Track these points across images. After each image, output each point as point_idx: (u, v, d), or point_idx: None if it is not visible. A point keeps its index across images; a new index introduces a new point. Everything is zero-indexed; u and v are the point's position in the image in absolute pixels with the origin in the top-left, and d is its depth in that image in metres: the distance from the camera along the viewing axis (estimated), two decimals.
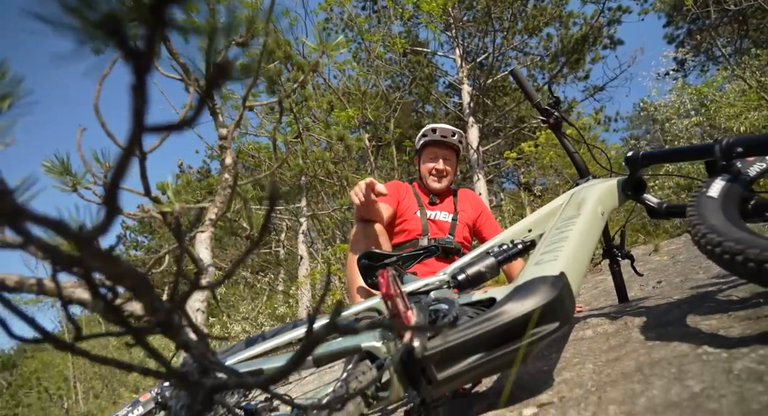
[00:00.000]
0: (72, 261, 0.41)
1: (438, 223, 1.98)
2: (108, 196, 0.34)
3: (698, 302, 1.39)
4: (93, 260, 0.41)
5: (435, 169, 2.05)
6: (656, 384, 0.80)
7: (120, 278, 0.47)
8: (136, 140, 0.33)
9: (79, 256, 0.41)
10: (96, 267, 0.44)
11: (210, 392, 0.62)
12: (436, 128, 2.05)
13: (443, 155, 2.06)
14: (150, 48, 0.31)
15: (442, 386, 0.92)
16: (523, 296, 0.94)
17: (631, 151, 1.41)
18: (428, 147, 2.08)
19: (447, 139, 2.02)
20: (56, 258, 0.40)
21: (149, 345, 0.54)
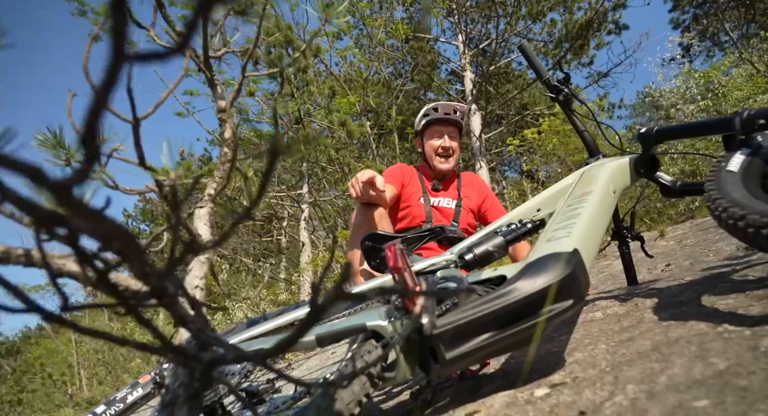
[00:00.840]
0: (54, 219, 0.37)
1: (442, 210, 1.94)
2: (86, 133, 0.30)
3: (712, 283, 1.35)
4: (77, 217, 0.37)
5: (442, 147, 1.97)
6: (677, 363, 0.77)
7: (108, 239, 0.42)
8: (116, 68, 0.29)
9: (62, 214, 0.37)
10: (80, 227, 0.40)
11: (208, 366, 0.59)
12: (437, 106, 1.98)
13: (448, 132, 1.99)
14: None
15: (452, 365, 0.89)
16: (536, 273, 0.90)
17: (644, 127, 1.36)
18: (431, 126, 2.01)
19: (450, 116, 1.96)
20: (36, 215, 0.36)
21: (143, 316, 0.50)
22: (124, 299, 0.47)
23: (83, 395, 11.71)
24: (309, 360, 3.22)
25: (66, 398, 11.43)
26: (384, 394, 1.43)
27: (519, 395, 0.90)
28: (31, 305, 0.45)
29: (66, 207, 0.34)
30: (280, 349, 0.50)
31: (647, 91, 10.14)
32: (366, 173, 1.57)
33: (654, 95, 9.32)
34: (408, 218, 1.91)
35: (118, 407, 1.21)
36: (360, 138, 8.42)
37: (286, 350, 0.50)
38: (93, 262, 0.45)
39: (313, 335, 0.98)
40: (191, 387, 0.70)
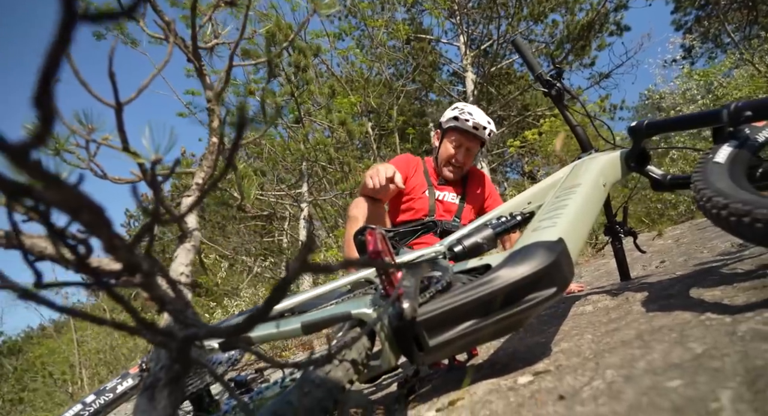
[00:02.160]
0: (20, 189, 0.38)
1: (445, 204, 1.93)
2: (38, 94, 0.30)
3: (702, 277, 1.35)
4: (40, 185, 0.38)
5: (456, 159, 1.92)
6: (656, 349, 0.77)
7: (75, 210, 0.43)
8: (69, 29, 0.29)
9: (27, 184, 0.37)
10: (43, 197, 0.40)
11: (183, 344, 0.59)
12: (473, 118, 1.86)
13: (468, 146, 1.92)
14: None
15: (435, 353, 0.89)
16: (519, 261, 0.90)
17: (635, 120, 1.37)
18: (456, 132, 1.92)
19: (478, 132, 1.87)
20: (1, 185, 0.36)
21: (117, 293, 0.51)
22: (97, 276, 0.48)
23: (84, 394, 11.72)
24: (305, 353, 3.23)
25: (67, 397, 11.46)
26: (373, 386, 1.44)
27: (502, 382, 0.91)
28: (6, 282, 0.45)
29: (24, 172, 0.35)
30: (249, 323, 0.51)
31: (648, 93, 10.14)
32: (389, 168, 1.57)
33: (654, 98, 9.32)
34: (412, 210, 1.90)
35: (107, 396, 1.22)
36: (361, 138, 8.44)
37: (255, 323, 0.50)
38: (63, 236, 0.45)
39: (298, 323, 0.98)
40: (172, 370, 0.70)
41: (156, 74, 0.78)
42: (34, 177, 0.36)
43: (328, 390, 0.79)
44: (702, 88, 6.96)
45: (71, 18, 0.29)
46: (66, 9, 0.29)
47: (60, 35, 0.30)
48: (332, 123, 5.87)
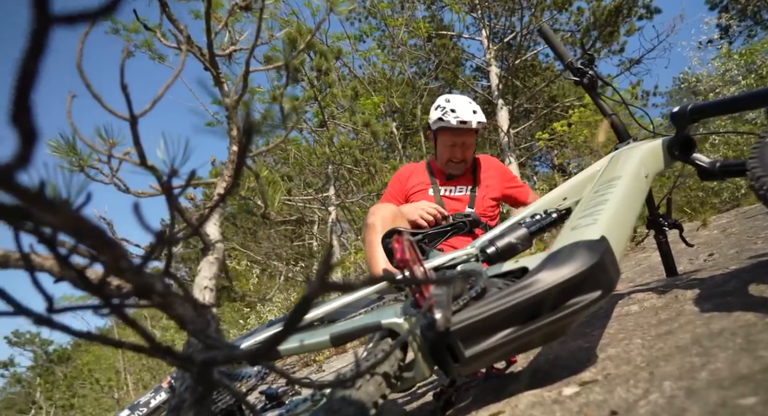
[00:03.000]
0: (15, 213, 0.35)
1: (455, 198, 1.88)
2: (15, 111, 0.27)
3: (760, 271, 1.25)
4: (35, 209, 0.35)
5: (454, 156, 1.91)
6: (720, 357, 0.69)
7: (76, 233, 0.40)
8: (42, 33, 0.26)
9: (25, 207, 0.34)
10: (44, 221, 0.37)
11: (202, 367, 0.56)
12: (456, 115, 1.83)
13: (461, 142, 1.88)
14: None
15: (471, 364, 0.84)
16: (559, 264, 0.84)
17: (677, 106, 1.27)
18: (446, 132, 1.90)
19: (467, 126, 1.83)
20: None
21: (127, 316, 0.48)
22: (107, 298, 0.45)
23: (130, 399, 12.12)
24: (341, 359, 3.21)
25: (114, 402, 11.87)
26: (408, 395, 1.39)
27: (546, 394, 0.84)
28: (19, 308, 0.43)
29: (12, 196, 0.32)
30: (269, 347, 0.47)
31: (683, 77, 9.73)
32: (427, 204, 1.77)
33: (690, 81, 8.93)
34: None
35: (141, 411, 1.21)
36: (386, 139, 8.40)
37: (275, 347, 0.47)
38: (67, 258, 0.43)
39: (327, 335, 0.94)
40: (197, 391, 0.67)
41: (170, 84, 0.75)
42: (25, 201, 0.33)
43: (360, 407, 0.75)
44: (743, 68, 6.61)
45: (45, 21, 0.26)
46: (39, 11, 0.25)
47: (34, 42, 0.26)
48: (356, 125, 5.85)
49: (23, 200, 0.33)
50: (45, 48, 0.27)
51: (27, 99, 0.27)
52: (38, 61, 0.27)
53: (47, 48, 0.27)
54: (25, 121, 0.28)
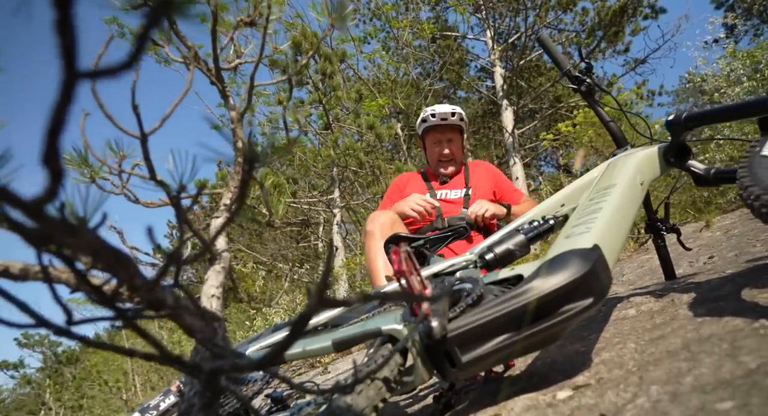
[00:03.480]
0: (40, 237, 0.38)
1: (449, 202, 1.94)
2: (46, 154, 0.31)
3: (755, 275, 1.27)
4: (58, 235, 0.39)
5: (442, 154, 2.01)
6: (705, 362, 0.72)
7: (94, 254, 0.44)
8: (69, 88, 0.30)
9: (47, 232, 0.38)
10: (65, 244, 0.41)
11: (211, 375, 0.59)
12: (435, 112, 1.98)
13: (447, 138, 2.01)
14: None
15: (468, 369, 0.87)
16: (553, 271, 0.87)
17: (672, 114, 1.30)
18: (430, 132, 2.04)
19: (447, 121, 1.97)
20: (23, 234, 0.37)
21: (140, 328, 0.51)
22: (121, 311, 0.49)
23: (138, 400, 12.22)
24: (345, 362, 3.24)
25: (122, 403, 11.97)
26: (408, 398, 1.42)
27: (541, 398, 0.87)
28: (40, 320, 0.46)
29: (40, 225, 0.36)
30: (273, 356, 0.51)
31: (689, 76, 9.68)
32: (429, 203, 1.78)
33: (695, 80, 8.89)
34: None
35: (151, 414, 1.25)
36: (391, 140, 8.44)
37: (278, 356, 0.50)
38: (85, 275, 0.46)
39: (329, 340, 0.98)
40: (205, 396, 0.71)
41: (178, 102, 0.79)
42: (51, 229, 0.37)
43: (362, 409, 0.78)
44: (748, 68, 6.58)
45: (72, 77, 0.29)
46: (67, 68, 0.29)
47: (63, 94, 0.30)
48: (361, 128, 5.89)
49: (50, 229, 0.36)
50: (72, 99, 0.30)
51: (56, 144, 0.31)
52: (66, 111, 0.30)
53: (74, 99, 0.30)
54: (54, 162, 0.32)
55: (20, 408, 14.62)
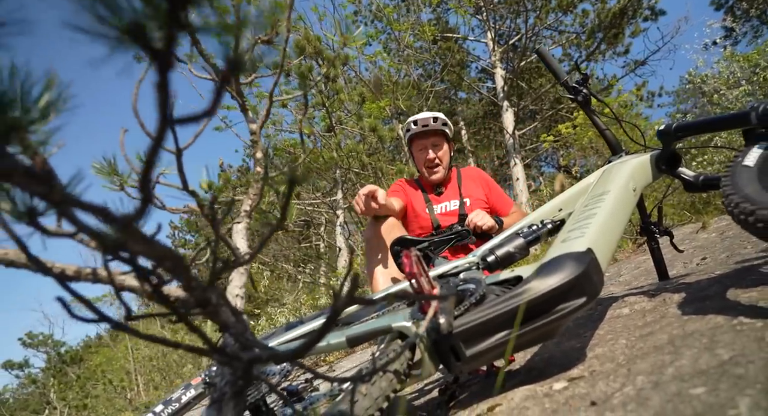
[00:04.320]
0: (117, 245, 0.47)
1: (448, 214, 1.98)
2: (142, 184, 0.39)
3: (741, 276, 1.35)
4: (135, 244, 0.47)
5: (427, 159, 2.05)
6: (686, 355, 0.80)
7: (160, 260, 0.52)
8: (163, 131, 0.38)
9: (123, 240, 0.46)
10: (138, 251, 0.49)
11: (248, 365, 0.67)
12: (416, 120, 2.04)
13: (431, 144, 2.06)
14: (169, 49, 0.35)
15: (471, 362, 0.95)
16: (549, 273, 0.95)
17: (663, 124, 1.38)
18: (415, 140, 2.09)
19: (429, 127, 2.01)
20: (104, 243, 0.46)
21: (192, 323, 0.59)
22: (175, 309, 0.57)
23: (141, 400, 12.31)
24: (350, 360, 3.32)
25: (126, 403, 12.06)
26: (417, 391, 1.50)
27: (538, 389, 0.95)
28: (102, 316, 0.55)
29: (129, 238, 0.44)
30: (305, 348, 0.59)
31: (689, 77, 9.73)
32: (366, 187, 1.65)
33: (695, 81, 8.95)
34: (419, 228, 1.98)
35: (174, 406, 1.33)
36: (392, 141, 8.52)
37: (310, 348, 0.58)
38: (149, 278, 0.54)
39: (343, 337, 1.06)
40: (235, 385, 0.79)
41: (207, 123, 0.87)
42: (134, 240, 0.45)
43: (374, 399, 0.86)
44: (747, 71, 6.65)
45: (166, 122, 0.37)
46: (162, 116, 0.37)
47: (157, 138, 0.38)
48: (363, 130, 5.97)
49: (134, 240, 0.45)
50: (163, 142, 0.38)
51: (149, 175, 0.39)
52: (158, 151, 0.38)
53: (164, 142, 0.38)
54: (146, 190, 0.40)
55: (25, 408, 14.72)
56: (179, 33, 0.36)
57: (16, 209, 0.51)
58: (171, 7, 0.34)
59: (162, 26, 0.35)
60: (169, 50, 0.36)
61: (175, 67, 0.36)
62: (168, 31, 0.35)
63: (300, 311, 6.20)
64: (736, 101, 6.48)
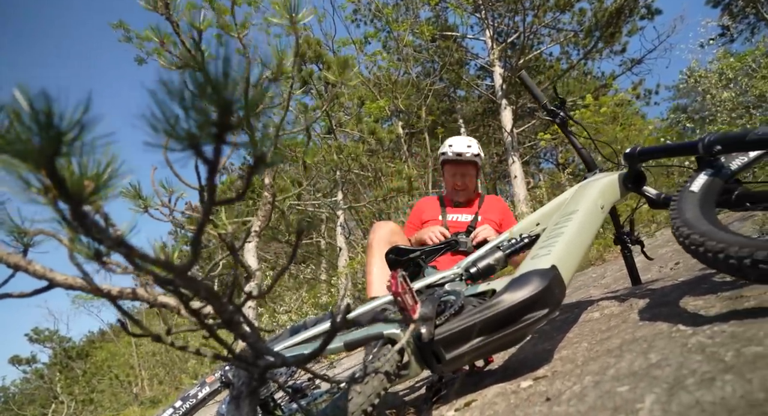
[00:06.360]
0: (168, 282, 0.62)
1: (458, 223, 2.17)
2: (193, 243, 0.55)
3: (697, 284, 1.50)
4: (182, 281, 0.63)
5: (456, 184, 2.28)
6: (626, 358, 0.96)
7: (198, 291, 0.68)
8: (209, 213, 0.53)
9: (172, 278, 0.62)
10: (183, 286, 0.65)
11: (263, 370, 0.84)
12: (453, 143, 2.26)
13: (461, 172, 2.27)
14: (216, 158, 0.51)
15: (451, 364, 1.11)
16: (517, 288, 1.11)
17: (629, 148, 1.53)
18: (447, 164, 2.31)
19: (462, 157, 2.23)
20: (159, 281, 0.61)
21: (220, 337, 0.75)
22: (209, 326, 0.73)
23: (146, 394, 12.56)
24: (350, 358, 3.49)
25: (131, 397, 12.30)
26: (407, 388, 1.67)
27: (508, 386, 1.11)
28: (146, 331, 0.71)
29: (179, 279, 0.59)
30: (312, 357, 0.75)
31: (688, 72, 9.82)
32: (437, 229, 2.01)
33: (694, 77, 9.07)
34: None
35: (191, 402, 1.50)
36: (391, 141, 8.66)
37: (316, 357, 0.74)
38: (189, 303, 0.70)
39: (341, 342, 1.22)
40: (251, 385, 0.96)
41: (225, 160, 1.02)
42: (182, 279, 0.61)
43: (368, 396, 1.03)
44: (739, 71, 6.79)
45: (211, 204, 0.53)
46: (209, 200, 0.53)
47: (205, 214, 0.54)
48: (363, 133, 6.13)
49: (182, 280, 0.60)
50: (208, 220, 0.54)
51: (200, 239, 0.55)
52: (204, 227, 0.54)
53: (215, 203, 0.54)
54: (197, 245, 0.55)
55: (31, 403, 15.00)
56: (223, 146, 0.52)
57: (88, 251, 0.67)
58: (218, 132, 0.50)
59: (212, 143, 0.51)
60: (216, 159, 0.51)
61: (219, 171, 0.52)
62: (216, 147, 0.51)
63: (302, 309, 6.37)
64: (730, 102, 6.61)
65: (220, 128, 0.51)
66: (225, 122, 0.50)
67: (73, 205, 0.51)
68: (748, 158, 1.28)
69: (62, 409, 11.91)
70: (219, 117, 0.50)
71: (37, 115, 0.43)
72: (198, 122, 0.50)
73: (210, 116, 0.51)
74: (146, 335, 0.78)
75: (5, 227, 0.71)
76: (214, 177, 0.52)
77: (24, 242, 0.77)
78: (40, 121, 0.43)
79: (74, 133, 0.46)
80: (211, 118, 0.51)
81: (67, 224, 0.54)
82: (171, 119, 0.49)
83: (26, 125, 0.43)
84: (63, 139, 0.45)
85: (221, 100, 0.48)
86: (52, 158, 0.46)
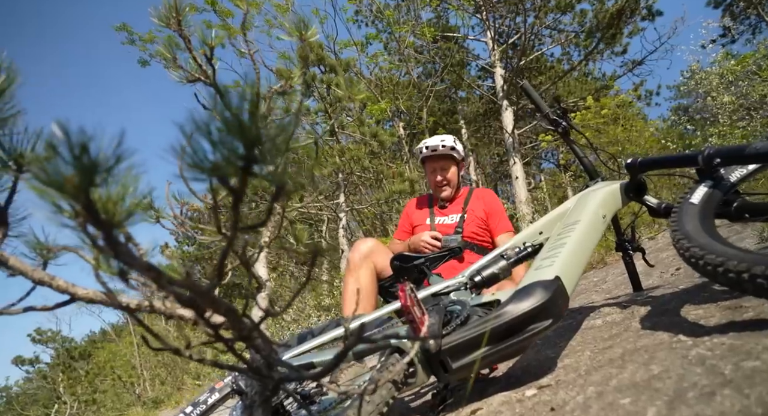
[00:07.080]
0: (191, 302, 0.65)
1: (446, 226, 2.20)
2: (218, 270, 0.58)
3: (697, 292, 1.53)
4: (204, 301, 0.66)
5: (435, 181, 2.32)
6: (628, 369, 0.99)
7: (218, 310, 0.71)
8: (234, 237, 0.56)
9: (195, 299, 0.65)
10: (206, 305, 0.68)
11: (278, 383, 0.87)
12: (427, 144, 2.30)
13: (440, 167, 2.31)
14: (241, 189, 0.54)
15: (457, 373, 1.14)
16: (522, 299, 1.13)
17: (630, 158, 1.56)
18: (426, 162, 2.36)
19: (437, 151, 2.27)
20: (182, 300, 0.64)
21: (237, 352, 0.78)
22: (225, 340, 0.76)
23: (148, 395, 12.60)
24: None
25: (134, 398, 12.34)
26: (413, 395, 1.70)
27: (513, 395, 1.14)
28: (166, 344, 0.74)
29: (202, 300, 0.62)
30: (326, 371, 0.78)
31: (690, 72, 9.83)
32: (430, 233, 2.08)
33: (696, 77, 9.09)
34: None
35: (201, 408, 1.53)
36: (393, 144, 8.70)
37: (331, 371, 0.77)
38: (209, 320, 0.73)
39: (350, 352, 1.25)
40: (263, 395, 0.99)
41: None
42: (204, 300, 0.64)
43: (377, 405, 1.06)
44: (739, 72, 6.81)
45: (236, 231, 0.56)
46: (234, 227, 0.56)
47: (230, 241, 0.57)
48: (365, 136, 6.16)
49: (205, 301, 0.63)
50: (231, 248, 0.57)
51: (223, 265, 0.58)
52: (230, 251, 0.57)
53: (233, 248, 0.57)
54: (220, 276, 0.58)
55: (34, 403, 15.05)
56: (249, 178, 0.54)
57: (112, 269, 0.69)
58: (244, 165, 0.53)
59: (237, 175, 0.54)
60: (242, 189, 0.54)
61: (244, 201, 0.55)
62: (242, 179, 0.54)
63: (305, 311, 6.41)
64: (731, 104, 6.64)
65: (247, 161, 0.54)
66: (251, 156, 0.53)
67: (106, 232, 0.54)
68: (747, 170, 1.31)
69: (65, 409, 11.95)
70: (246, 151, 0.53)
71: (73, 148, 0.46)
72: (225, 156, 0.53)
73: (237, 149, 0.54)
74: (166, 349, 0.81)
75: (30, 243, 0.74)
76: (239, 205, 0.55)
77: (45, 256, 0.80)
78: (76, 154, 0.46)
79: (108, 164, 0.49)
80: (238, 151, 0.54)
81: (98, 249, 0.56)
82: (200, 153, 0.52)
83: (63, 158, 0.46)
84: (97, 170, 0.48)
85: (248, 137, 0.51)
86: (87, 188, 0.49)
